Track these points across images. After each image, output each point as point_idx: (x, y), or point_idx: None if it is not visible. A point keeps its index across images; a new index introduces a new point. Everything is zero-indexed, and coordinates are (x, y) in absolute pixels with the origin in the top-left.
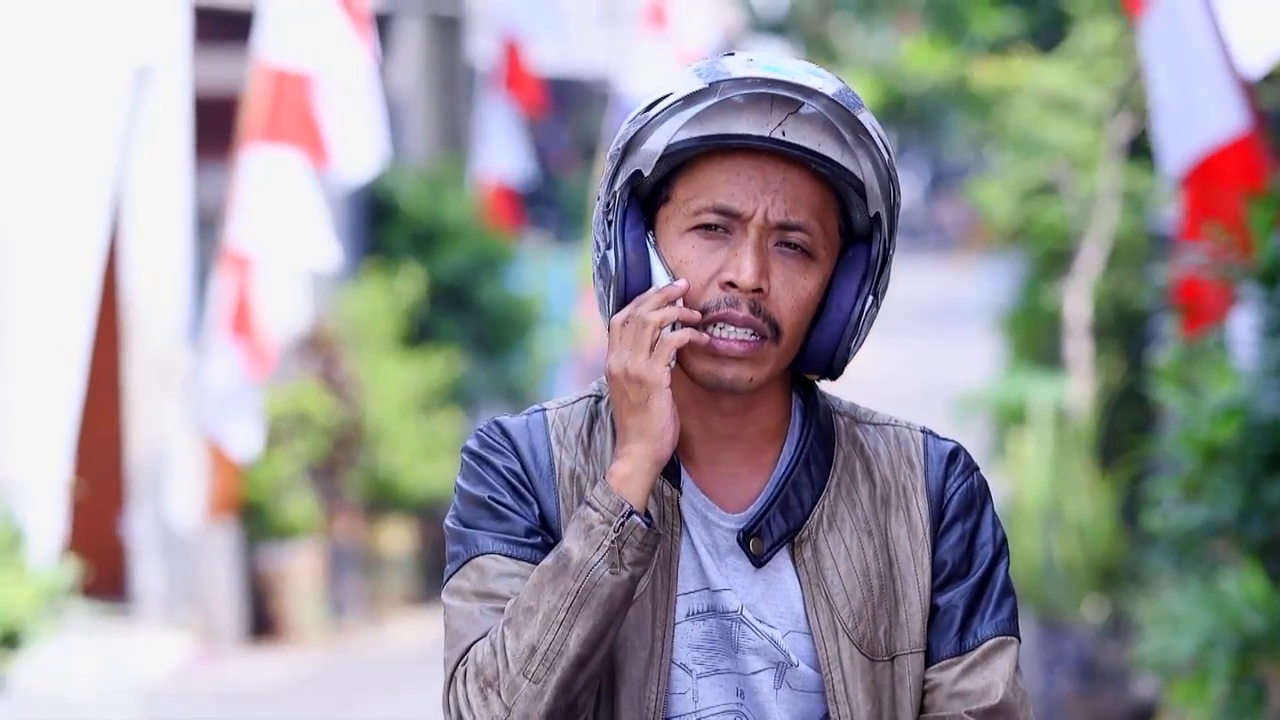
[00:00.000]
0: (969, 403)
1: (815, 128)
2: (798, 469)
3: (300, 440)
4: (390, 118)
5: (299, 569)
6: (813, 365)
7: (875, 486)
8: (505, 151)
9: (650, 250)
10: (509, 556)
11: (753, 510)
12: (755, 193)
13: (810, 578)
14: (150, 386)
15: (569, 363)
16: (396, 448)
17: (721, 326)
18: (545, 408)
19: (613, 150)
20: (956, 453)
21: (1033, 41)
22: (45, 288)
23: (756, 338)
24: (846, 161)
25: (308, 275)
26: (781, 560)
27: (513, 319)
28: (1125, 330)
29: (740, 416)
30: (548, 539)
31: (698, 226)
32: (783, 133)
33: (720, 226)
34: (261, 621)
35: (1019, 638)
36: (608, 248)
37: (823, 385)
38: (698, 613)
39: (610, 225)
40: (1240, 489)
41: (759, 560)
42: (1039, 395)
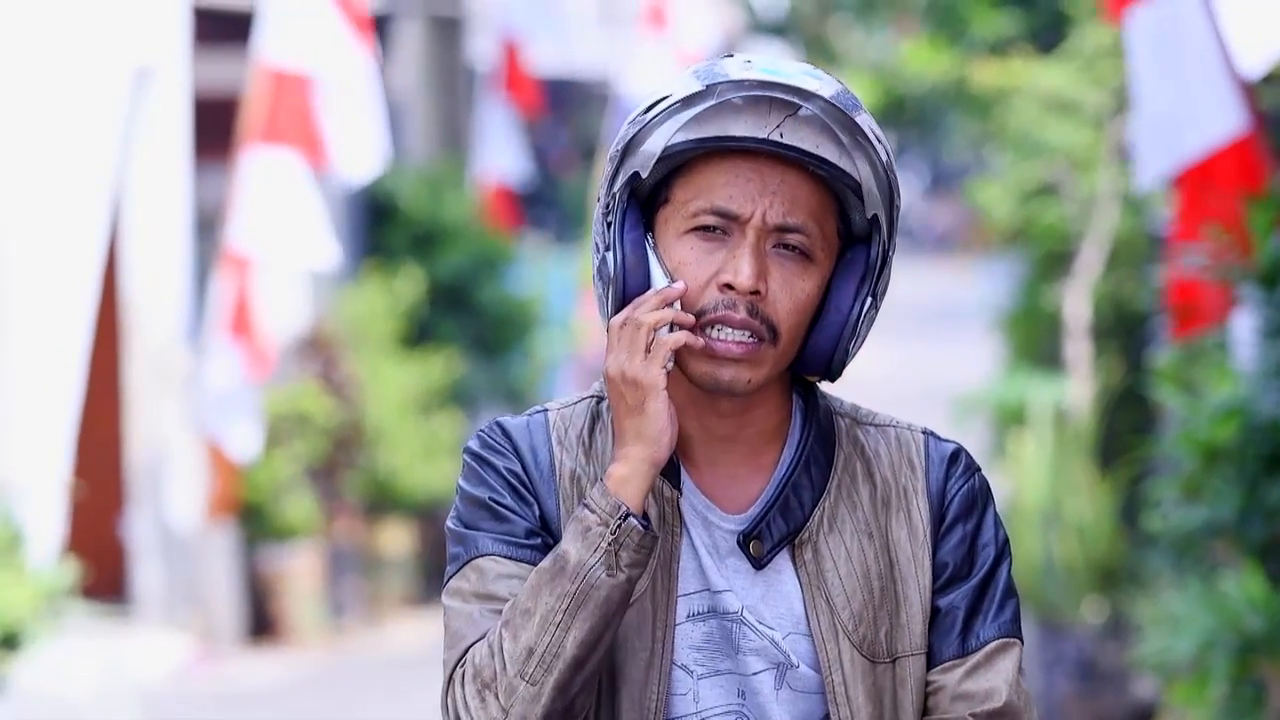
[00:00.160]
0: (969, 403)
1: (813, 130)
2: (798, 471)
3: (300, 441)
4: (390, 119)
5: (298, 570)
6: (811, 367)
7: (876, 488)
8: (505, 152)
9: (649, 252)
10: (508, 558)
11: (753, 512)
12: (753, 195)
13: (811, 579)
14: (150, 387)
15: (568, 364)
16: (396, 449)
17: (719, 328)
18: (547, 408)
19: (612, 152)
20: (958, 454)
21: (1032, 42)
22: (45, 288)
23: (754, 340)
24: (844, 164)
25: (307, 276)
26: (782, 562)
27: (512, 320)
28: (1125, 331)
29: (739, 418)
30: (548, 540)
31: (696, 228)
32: (780, 135)
33: (718, 228)
34: (261, 622)
35: (1022, 639)
36: (607, 249)
37: (823, 386)
38: (698, 614)
39: (609, 227)
40: (1240, 490)
41: (759, 562)
42: (1039, 396)
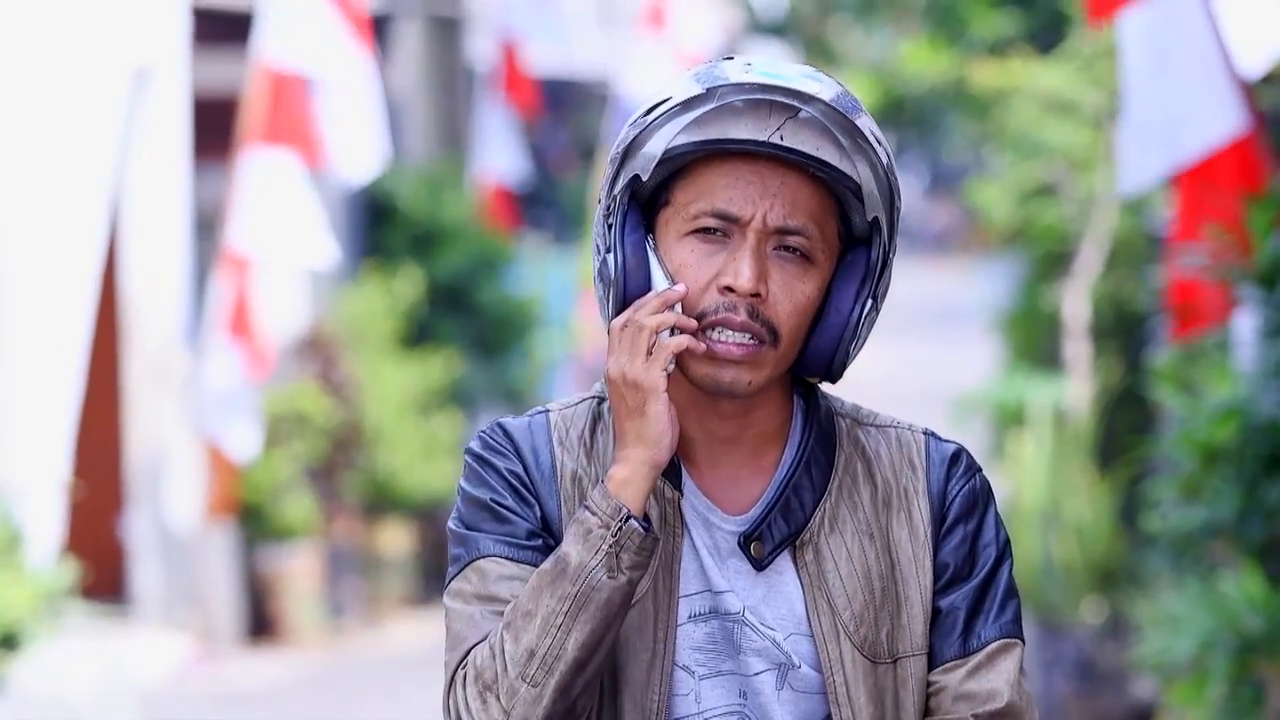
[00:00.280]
0: (968, 404)
1: (813, 132)
2: (799, 472)
3: (299, 441)
4: (389, 119)
5: (297, 570)
6: (812, 368)
7: (877, 489)
8: (503, 153)
9: (650, 254)
10: (510, 559)
11: (754, 513)
12: (754, 197)
13: (812, 580)
14: (149, 387)
15: (568, 364)
16: (395, 449)
17: (720, 330)
18: (548, 409)
19: (613, 154)
20: (959, 455)
21: (1031, 43)
22: (44, 289)
23: (754, 342)
24: (844, 166)
25: (306, 276)
26: (783, 563)
27: (511, 320)
28: (1124, 331)
29: (740, 419)
30: (549, 541)
31: (697, 230)
32: (781, 137)
33: (719, 230)
34: (260, 623)
35: (1023, 640)
36: (608, 251)
37: (824, 387)
38: (700, 614)
39: (610, 229)
40: (1239, 490)
41: (760, 563)
42: (1038, 396)
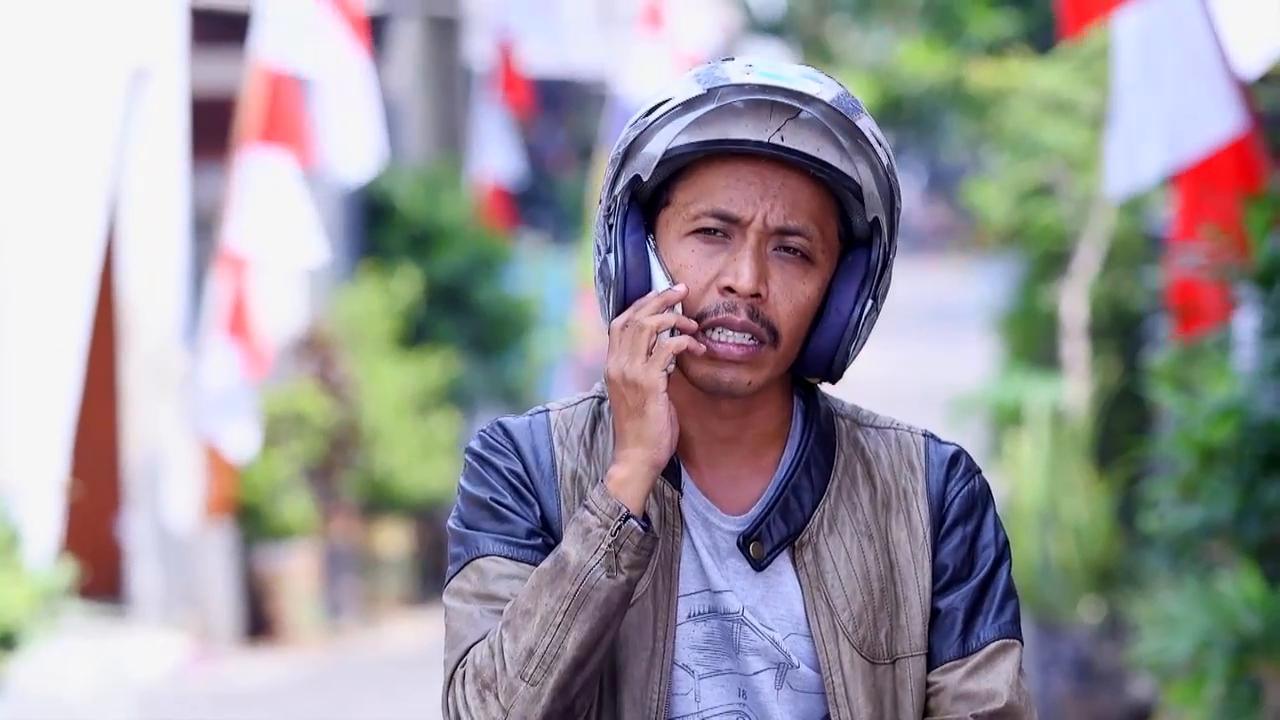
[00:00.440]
0: (966, 404)
1: (814, 133)
2: (798, 472)
3: (297, 441)
4: (387, 119)
5: (295, 570)
6: (812, 369)
7: (876, 490)
8: (500, 153)
9: (650, 254)
10: (509, 558)
11: (753, 513)
12: (754, 198)
13: (811, 581)
14: (147, 387)
15: (566, 364)
16: (393, 449)
17: (720, 331)
18: (548, 408)
19: (613, 154)
20: (958, 456)
21: (1029, 43)
22: (42, 289)
23: (755, 342)
24: (845, 167)
25: (304, 276)
26: (782, 563)
27: (509, 320)
28: (1122, 331)
29: (739, 420)
30: (549, 540)
31: (697, 231)
32: (781, 138)
33: (719, 231)
34: (258, 622)
35: (1022, 640)
36: (608, 251)
37: (824, 388)
38: (699, 614)
39: (611, 229)
40: (1237, 490)
41: (759, 564)
42: (1036, 396)
